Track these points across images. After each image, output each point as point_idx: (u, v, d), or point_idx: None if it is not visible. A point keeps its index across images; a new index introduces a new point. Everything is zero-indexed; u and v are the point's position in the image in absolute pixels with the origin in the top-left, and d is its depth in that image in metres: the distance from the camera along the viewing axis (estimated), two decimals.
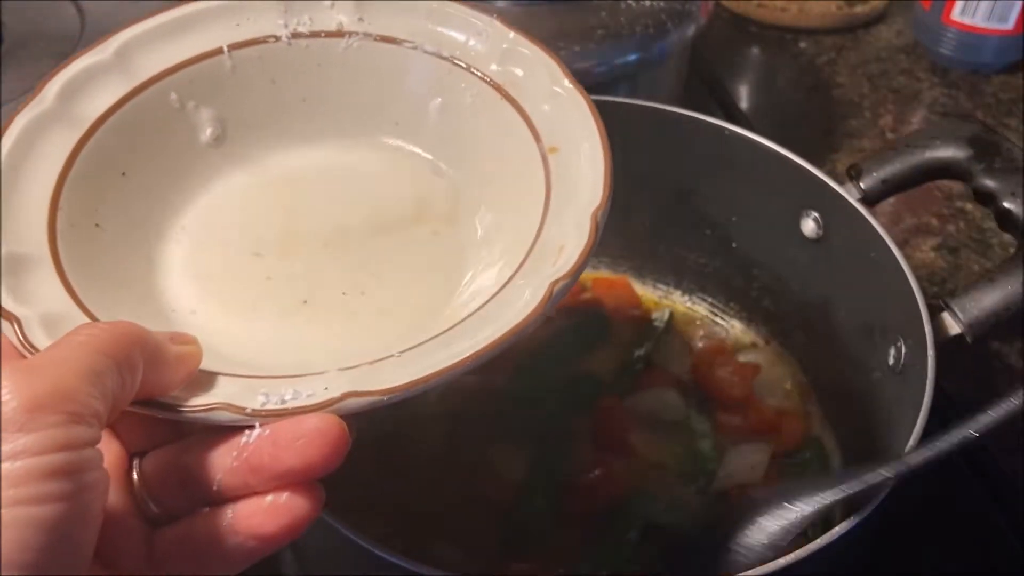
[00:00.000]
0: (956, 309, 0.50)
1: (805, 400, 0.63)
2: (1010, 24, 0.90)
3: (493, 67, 0.44)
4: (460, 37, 0.44)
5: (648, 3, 0.68)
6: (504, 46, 0.44)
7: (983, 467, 0.61)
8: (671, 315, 0.67)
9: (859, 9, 1.00)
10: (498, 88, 0.43)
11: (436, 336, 0.35)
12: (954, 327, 0.50)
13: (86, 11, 0.78)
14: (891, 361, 0.53)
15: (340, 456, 0.32)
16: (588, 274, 0.68)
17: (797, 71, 0.96)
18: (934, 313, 0.50)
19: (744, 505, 0.46)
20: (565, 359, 0.62)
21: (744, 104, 0.92)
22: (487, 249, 0.42)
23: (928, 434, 0.44)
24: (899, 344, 0.52)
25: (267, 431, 0.32)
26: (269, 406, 0.32)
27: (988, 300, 0.50)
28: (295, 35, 0.45)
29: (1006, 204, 0.52)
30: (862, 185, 0.55)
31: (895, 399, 0.52)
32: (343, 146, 0.46)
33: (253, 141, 0.45)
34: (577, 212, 0.38)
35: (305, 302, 0.41)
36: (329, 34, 0.45)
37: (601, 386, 0.61)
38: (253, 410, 0.32)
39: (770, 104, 0.94)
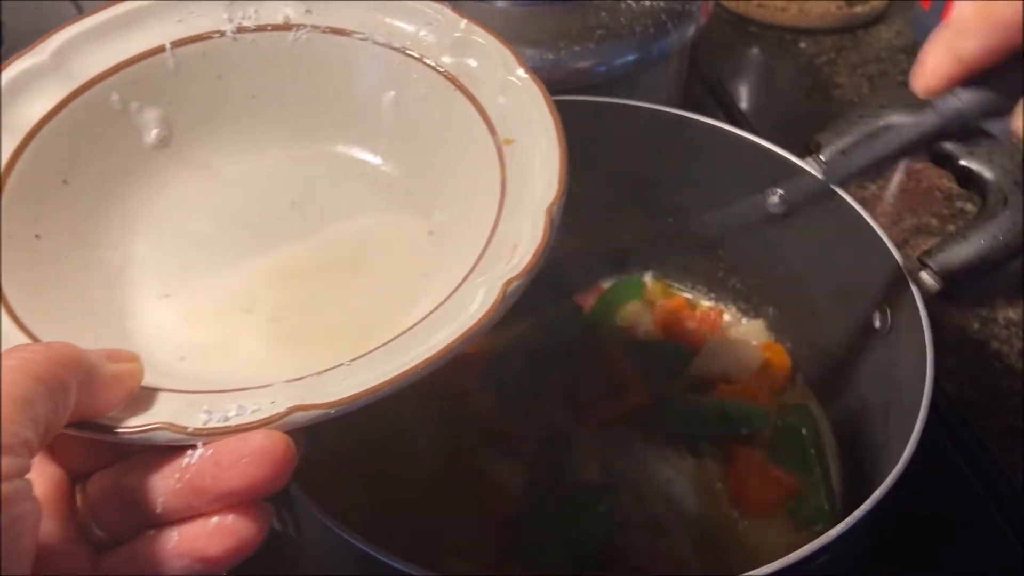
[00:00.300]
0: (933, 267, 0.51)
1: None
2: None
3: (446, 58, 0.42)
4: (410, 28, 0.43)
5: (648, 3, 0.68)
6: (456, 35, 0.42)
7: (983, 467, 0.61)
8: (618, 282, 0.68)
9: (859, 9, 1.00)
10: (452, 79, 0.42)
11: (387, 343, 0.34)
12: (934, 286, 0.51)
13: (86, 11, 0.78)
14: (877, 324, 0.54)
15: (286, 474, 0.31)
16: None
17: (797, 71, 0.96)
18: (913, 273, 0.51)
19: None
20: (545, 360, 0.62)
21: (744, 104, 0.92)
22: (443, 248, 0.41)
23: (935, 396, 0.45)
24: (884, 308, 0.54)
25: (209, 451, 0.31)
26: (212, 424, 0.31)
27: (962, 256, 0.51)
28: (240, 29, 0.43)
29: (964, 163, 0.53)
30: (823, 158, 0.57)
31: (886, 361, 0.53)
32: (295, 148, 0.45)
33: (201, 142, 0.44)
34: (532, 208, 0.37)
35: (258, 315, 0.39)
36: (276, 27, 0.43)
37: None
38: (195, 429, 0.31)
39: (770, 104, 0.94)
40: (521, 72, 0.41)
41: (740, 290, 0.67)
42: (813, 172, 0.56)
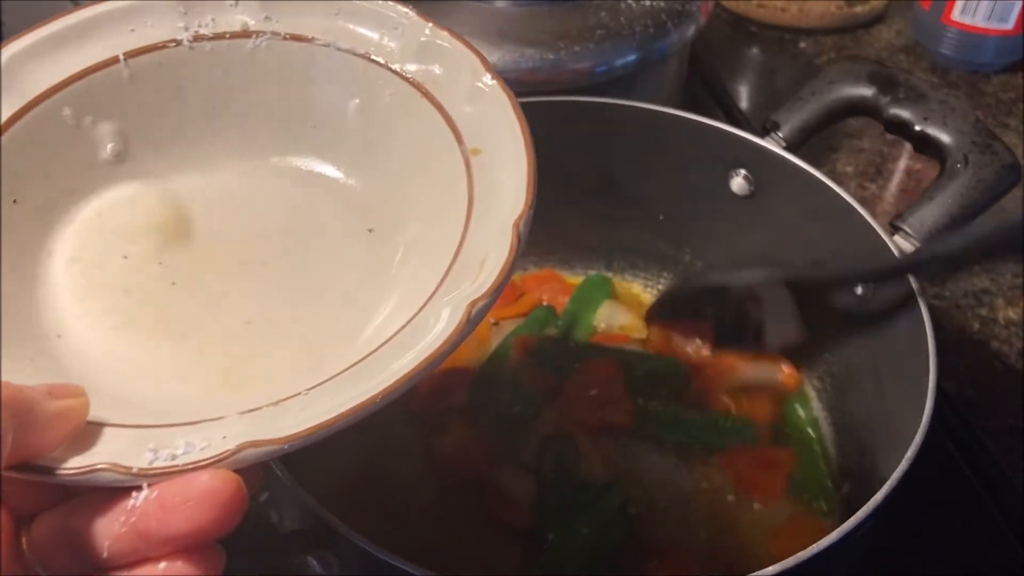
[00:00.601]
0: (907, 229, 0.53)
1: None
2: (1010, 24, 0.90)
3: (411, 65, 0.41)
4: (374, 34, 0.42)
5: (648, 3, 0.68)
6: (422, 39, 0.41)
7: (983, 467, 0.61)
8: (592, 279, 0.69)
9: (859, 9, 1.00)
10: (418, 86, 0.40)
11: (347, 369, 0.32)
12: (908, 247, 0.53)
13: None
14: (859, 291, 0.55)
15: (235, 516, 0.29)
16: (517, 274, 0.69)
17: (797, 71, 0.96)
18: (889, 237, 0.53)
19: None
20: (531, 370, 0.62)
21: (744, 104, 0.92)
22: (408, 266, 0.39)
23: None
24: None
25: (154, 493, 0.29)
26: (157, 463, 0.29)
27: (934, 216, 0.53)
28: (197, 38, 0.41)
29: (919, 128, 0.55)
30: (781, 135, 0.58)
31: (873, 326, 0.54)
32: (256, 161, 0.43)
33: (160, 156, 0.42)
34: (500, 221, 0.35)
35: (209, 335, 0.38)
36: (234, 35, 0.42)
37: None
38: (139, 469, 0.29)
39: (770, 104, 0.94)
40: (488, 78, 0.39)
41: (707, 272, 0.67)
42: (776, 149, 0.57)
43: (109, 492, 0.30)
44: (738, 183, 0.61)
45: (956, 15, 0.91)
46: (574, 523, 0.53)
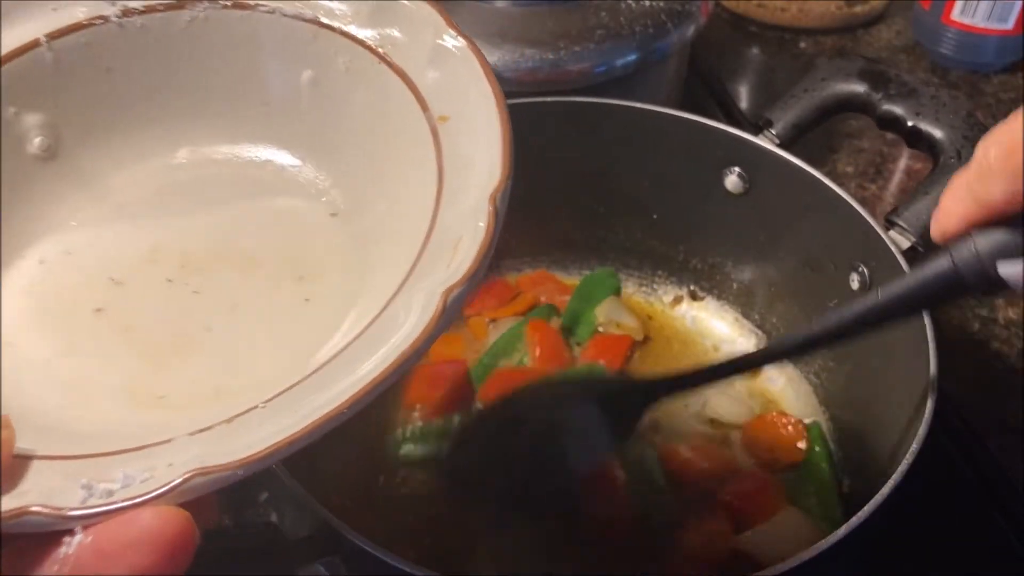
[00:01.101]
0: (903, 224, 0.53)
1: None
2: (1010, 24, 0.90)
3: (366, 28, 0.37)
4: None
5: (648, 3, 0.68)
6: None
7: (983, 467, 0.61)
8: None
9: (859, 9, 1.00)
10: (374, 51, 0.37)
11: (310, 375, 0.29)
12: (904, 241, 0.53)
13: None
14: (855, 286, 0.56)
15: (185, 557, 0.26)
16: (512, 276, 0.69)
17: (797, 71, 0.96)
18: (884, 232, 0.53)
19: None
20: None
21: (744, 104, 0.92)
22: (374, 251, 0.36)
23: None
24: (860, 268, 0.55)
25: (89, 538, 0.25)
26: (92, 502, 0.26)
27: (927, 210, 0.53)
28: (126, 12, 0.37)
29: (912, 123, 0.56)
30: (774, 132, 0.59)
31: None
32: (204, 151, 0.39)
33: (94, 150, 0.38)
34: (474, 196, 0.32)
35: (160, 346, 0.34)
36: (168, 7, 0.37)
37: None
38: (70, 511, 0.26)
39: (770, 104, 0.94)
40: (453, 37, 0.35)
41: (701, 270, 0.68)
42: (770, 146, 0.58)
43: (42, 538, 0.26)
44: (732, 181, 0.61)
45: (956, 15, 0.91)
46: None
